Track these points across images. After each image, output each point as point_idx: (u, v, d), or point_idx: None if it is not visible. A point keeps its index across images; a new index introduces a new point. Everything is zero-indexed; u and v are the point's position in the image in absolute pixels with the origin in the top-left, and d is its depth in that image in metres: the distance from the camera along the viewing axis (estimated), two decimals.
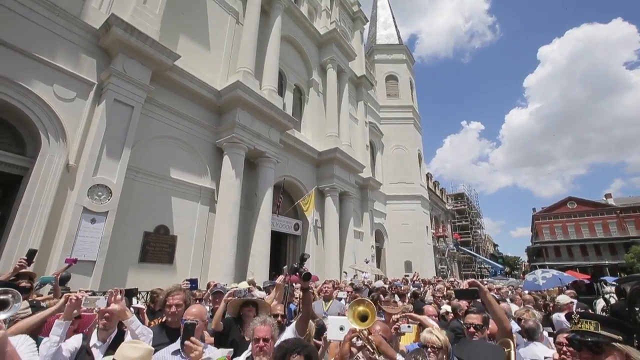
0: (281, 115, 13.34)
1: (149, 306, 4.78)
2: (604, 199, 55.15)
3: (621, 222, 50.34)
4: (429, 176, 34.85)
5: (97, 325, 2.73)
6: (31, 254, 3.88)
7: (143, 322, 3.83)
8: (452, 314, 5.06)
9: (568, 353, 2.68)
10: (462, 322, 4.60)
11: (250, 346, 2.75)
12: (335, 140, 17.54)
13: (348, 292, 6.38)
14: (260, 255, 11.58)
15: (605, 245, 49.85)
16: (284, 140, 14.34)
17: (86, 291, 2.91)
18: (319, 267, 15.11)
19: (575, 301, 5.61)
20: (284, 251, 15.71)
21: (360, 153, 21.04)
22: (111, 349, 2.54)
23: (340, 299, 5.68)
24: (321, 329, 3.54)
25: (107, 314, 2.64)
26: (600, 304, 7.23)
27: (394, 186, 25.70)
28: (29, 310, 2.70)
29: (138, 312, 4.21)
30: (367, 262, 15.21)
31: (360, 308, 2.02)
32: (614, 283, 8.43)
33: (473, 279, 2.48)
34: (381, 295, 4.96)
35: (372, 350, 1.97)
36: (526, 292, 9.35)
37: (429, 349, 2.65)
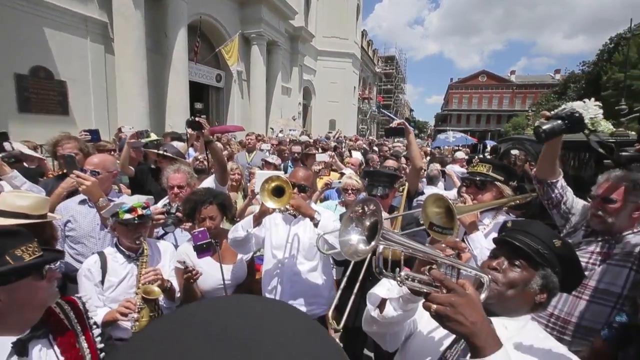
0: None
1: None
2: (509, 75, 61.55)
3: (513, 97, 58.48)
4: (364, 33, 32.93)
5: None
6: None
7: (46, 174, 3.44)
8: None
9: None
10: (372, 168, 5.33)
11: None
12: None
13: (272, 144, 6.52)
14: (179, 107, 10.59)
15: (495, 115, 58.97)
16: None
17: None
18: (244, 122, 14.78)
19: (466, 157, 6.76)
20: (206, 104, 14.64)
21: None
22: None
23: (263, 150, 5.79)
24: None
25: None
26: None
27: (327, 40, 23.86)
28: None
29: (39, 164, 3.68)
30: (294, 120, 15.33)
31: (273, 184, 1.79)
32: (494, 145, 10.32)
33: (403, 120, 2.68)
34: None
35: (291, 213, 1.99)
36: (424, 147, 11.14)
37: (350, 191, 3.06)
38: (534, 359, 0.93)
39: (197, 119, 2.73)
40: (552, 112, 1.67)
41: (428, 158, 7.47)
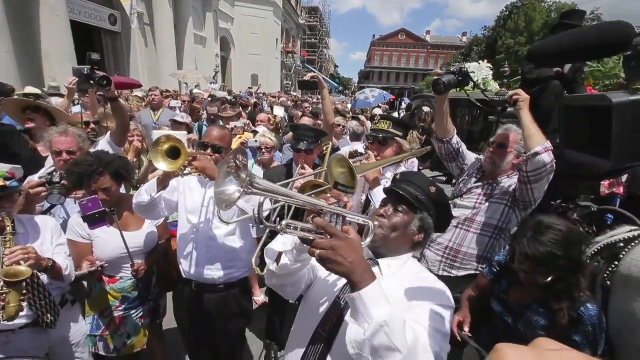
0: None
1: None
2: (425, 35, 65.15)
3: (428, 56, 62.72)
4: None
5: None
6: None
7: None
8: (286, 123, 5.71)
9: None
10: (296, 123, 5.31)
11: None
12: None
13: (183, 101, 5.86)
14: (60, 55, 8.65)
15: (412, 74, 62.94)
16: None
17: None
18: (152, 76, 13.01)
19: (386, 114, 7.17)
20: (99, 52, 12.29)
21: None
22: None
23: (173, 108, 5.19)
24: None
25: None
26: (395, 115, 9.56)
27: None
28: None
29: None
30: (215, 78, 13.81)
31: (165, 147, 1.62)
32: (409, 103, 11.04)
33: (316, 74, 2.62)
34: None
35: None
36: (347, 104, 11.26)
37: (264, 149, 2.98)
38: (410, 286, 1.09)
39: (101, 73, 2.27)
40: (444, 71, 1.87)
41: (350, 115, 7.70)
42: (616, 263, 1.58)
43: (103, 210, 1.74)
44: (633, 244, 1.57)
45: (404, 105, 11.17)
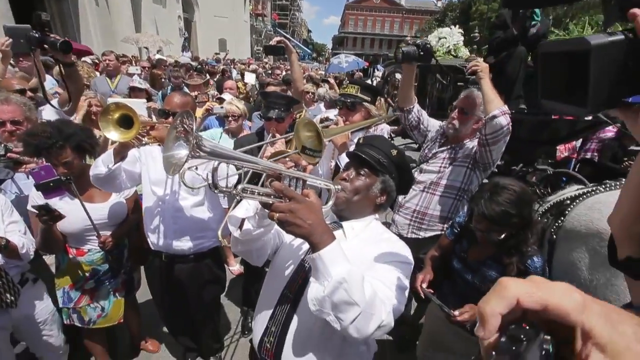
0: None
1: None
2: None
3: (402, 22, 61.40)
4: None
5: None
6: None
7: None
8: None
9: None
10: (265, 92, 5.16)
11: None
12: None
13: (143, 67, 5.42)
14: None
15: (386, 40, 61.69)
16: None
17: None
18: (107, 41, 11.87)
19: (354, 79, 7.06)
20: (41, 10, 10.96)
21: None
22: None
23: (132, 75, 4.80)
24: None
25: None
26: (368, 82, 9.46)
27: None
28: None
29: None
30: (184, 37, 12.74)
31: (115, 115, 1.52)
32: (380, 68, 10.90)
33: (282, 38, 2.51)
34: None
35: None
36: (319, 71, 11.01)
37: (230, 118, 2.87)
38: (372, 246, 1.13)
39: (59, 38, 2.01)
40: (412, 42, 1.86)
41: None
42: (562, 219, 1.72)
43: (58, 178, 1.63)
44: (578, 201, 1.71)
45: (377, 73, 11.01)
